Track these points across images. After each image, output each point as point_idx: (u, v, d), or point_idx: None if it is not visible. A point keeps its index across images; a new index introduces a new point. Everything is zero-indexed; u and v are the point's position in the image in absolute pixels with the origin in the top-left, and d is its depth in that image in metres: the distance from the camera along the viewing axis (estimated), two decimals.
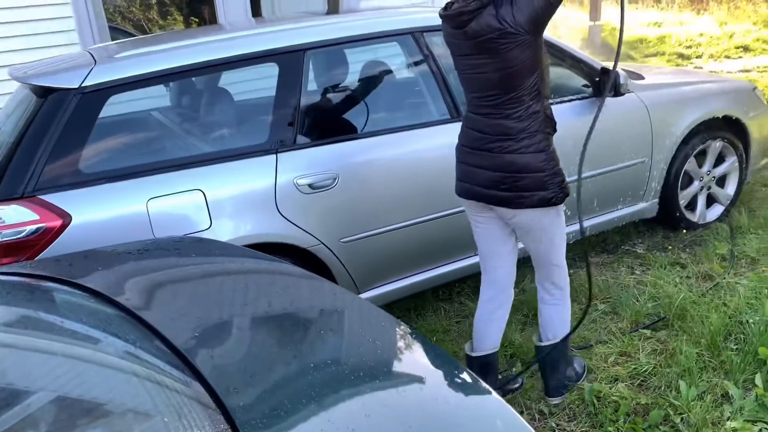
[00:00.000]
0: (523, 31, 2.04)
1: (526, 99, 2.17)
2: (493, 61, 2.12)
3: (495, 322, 2.59)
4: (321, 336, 1.25)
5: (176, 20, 11.03)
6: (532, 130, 2.19)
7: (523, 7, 2.01)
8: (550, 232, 2.36)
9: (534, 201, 2.24)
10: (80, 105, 2.46)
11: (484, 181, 2.30)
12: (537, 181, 2.22)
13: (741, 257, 3.59)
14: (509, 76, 2.13)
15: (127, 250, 1.76)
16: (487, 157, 2.27)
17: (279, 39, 2.81)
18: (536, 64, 2.14)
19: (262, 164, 2.69)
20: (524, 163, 2.20)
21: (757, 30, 11.13)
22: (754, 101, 4.13)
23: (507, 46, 2.06)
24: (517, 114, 2.18)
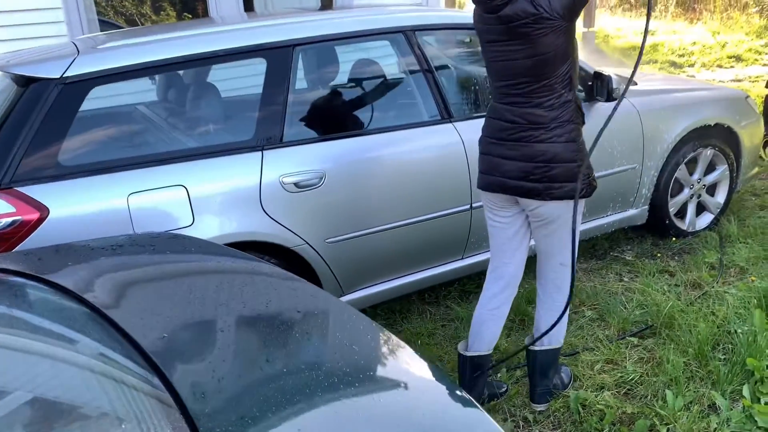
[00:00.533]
0: (558, 17, 2.02)
1: (558, 87, 2.14)
2: (525, 47, 2.10)
3: (495, 320, 2.53)
4: (296, 339, 1.20)
5: (169, 15, 10.93)
6: (563, 120, 2.16)
7: None
8: (569, 227, 2.30)
9: (564, 192, 2.20)
10: (61, 96, 2.39)
11: (513, 171, 2.24)
12: (568, 172, 2.18)
13: (730, 266, 3.57)
14: (542, 63, 2.10)
15: (101, 246, 1.70)
16: (516, 147, 2.23)
17: (268, 34, 2.76)
18: (569, 51, 2.12)
19: (248, 161, 2.64)
20: (555, 152, 2.17)
21: (750, 40, 11.18)
22: (747, 110, 4.11)
23: (542, 32, 2.04)
24: (549, 102, 2.15)
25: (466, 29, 3.39)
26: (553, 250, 2.40)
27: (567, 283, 2.41)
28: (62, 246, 1.73)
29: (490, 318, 2.52)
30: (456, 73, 3.54)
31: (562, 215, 2.28)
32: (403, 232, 2.98)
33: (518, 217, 2.41)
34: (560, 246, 2.36)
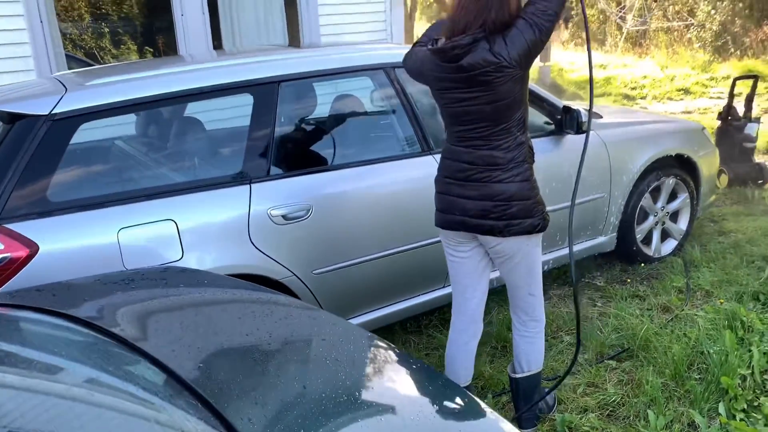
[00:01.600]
0: (516, 65, 2.11)
1: (514, 130, 2.25)
2: (485, 94, 2.17)
3: (465, 355, 2.61)
4: (327, 365, 1.24)
5: (130, 49, 10.88)
6: (519, 160, 2.26)
7: (516, 43, 2.08)
8: (530, 260, 2.40)
9: (523, 228, 2.29)
10: (50, 132, 2.40)
11: (473, 210, 2.32)
12: (525, 209, 2.28)
13: (696, 290, 3.73)
14: (501, 109, 2.19)
15: (113, 281, 1.71)
16: (476, 187, 2.30)
17: (254, 70, 2.82)
18: (524, 97, 2.24)
19: (236, 194, 2.67)
20: (513, 191, 2.26)
21: (696, 74, 11.74)
22: (703, 141, 4.34)
23: (501, 80, 2.13)
24: (506, 145, 2.25)
25: None
26: (519, 282, 2.48)
27: (539, 312, 2.53)
28: (71, 282, 1.73)
29: (459, 354, 2.60)
30: (434, 107, 3.64)
31: (522, 249, 2.37)
32: (388, 262, 3.03)
33: (476, 252, 2.48)
34: (526, 278, 2.46)
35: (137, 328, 1.36)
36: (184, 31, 5.91)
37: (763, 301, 3.48)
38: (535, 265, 2.44)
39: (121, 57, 10.54)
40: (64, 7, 9.90)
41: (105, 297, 1.59)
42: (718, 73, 11.78)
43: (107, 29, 10.72)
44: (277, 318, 1.45)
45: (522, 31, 2.08)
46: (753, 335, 3.05)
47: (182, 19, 5.89)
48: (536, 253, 2.42)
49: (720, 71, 11.85)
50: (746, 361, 2.84)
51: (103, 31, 10.88)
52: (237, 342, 1.32)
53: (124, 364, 1.19)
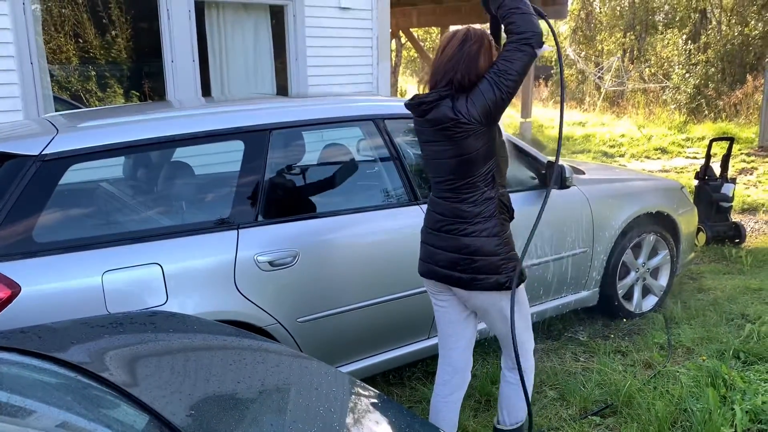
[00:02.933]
0: (475, 122, 2.18)
1: (481, 185, 2.28)
2: (449, 148, 2.26)
3: (450, 405, 2.57)
4: (322, 417, 1.21)
5: (116, 93, 10.93)
6: (486, 215, 2.29)
7: (476, 101, 2.17)
8: (506, 315, 2.38)
9: (488, 284, 2.31)
10: (39, 173, 2.38)
11: (443, 261, 2.37)
12: (491, 265, 2.29)
13: (677, 346, 3.75)
14: (465, 162, 2.25)
15: (100, 324, 1.67)
16: (445, 238, 2.35)
17: (246, 118, 2.85)
18: (490, 153, 2.27)
19: (223, 239, 2.66)
20: (478, 246, 2.28)
21: (672, 134, 12.07)
22: (682, 199, 4.44)
23: (461, 135, 2.21)
24: (473, 199, 2.29)
25: None
26: (502, 336, 2.49)
27: (527, 363, 2.50)
28: (58, 324, 1.69)
29: (444, 406, 2.57)
30: (421, 158, 3.69)
31: (495, 304, 2.37)
32: (372, 312, 3.02)
33: (456, 301, 2.49)
34: (505, 332, 2.43)
35: (127, 373, 1.33)
36: (174, 77, 5.98)
37: (743, 360, 3.50)
38: (516, 323, 2.39)
39: (107, 100, 10.58)
40: (52, 49, 9.97)
41: (93, 341, 1.55)
42: (693, 134, 12.12)
43: (94, 73, 10.79)
44: (268, 366, 1.43)
45: (483, 92, 2.17)
46: (735, 393, 3.06)
47: (172, 65, 5.96)
48: (516, 309, 2.38)
49: (695, 132, 12.20)
50: (729, 420, 2.84)
51: (90, 75, 10.94)
52: (229, 389, 1.29)
53: (112, 409, 1.16)
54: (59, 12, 10.26)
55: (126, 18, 10.19)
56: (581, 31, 23.84)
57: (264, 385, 1.33)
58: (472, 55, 2.21)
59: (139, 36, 10.12)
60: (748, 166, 9.47)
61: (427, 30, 24.25)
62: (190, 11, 5.95)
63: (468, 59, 2.21)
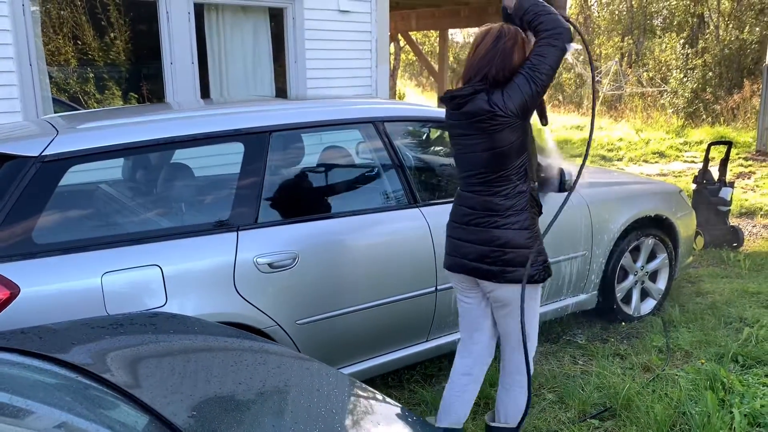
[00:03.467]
0: (512, 115, 2.24)
1: (514, 178, 2.33)
2: (483, 141, 2.31)
3: (466, 395, 2.62)
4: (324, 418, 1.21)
5: (114, 95, 10.93)
6: (518, 208, 2.34)
7: (513, 95, 2.23)
8: (527, 313, 2.41)
9: (517, 276, 2.34)
10: (39, 174, 2.38)
11: (471, 254, 2.41)
12: (521, 257, 2.34)
13: (676, 350, 3.75)
14: (499, 156, 2.30)
15: (100, 325, 1.67)
16: (475, 231, 2.40)
17: (246, 120, 2.85)
18: (524, 146, 2.32)
19: (223, 241, 2.66)
20: (509, 238, 2.33)
21: (670, 138, 12.09)
22: (680, 203, 4.45)
23: (497, 128, 2.26)
24: (505, 192, 2.34)
25: (428, 121, 3.61)
26: (510, 331, 2.52)
27: (530, 363, 2.50)
28: (58, 325, 1.69)
29: (462, 393, 2.61)
30: (420, 161, 3.71)
31: (517, 299, 2.40)
32: (371, 314, 3.01)
33: (483, 297, 2.54)
34: (517, 328, 2.48)
35: (128, 373, 1.33)
36: (173, 79, 5.98)
37: (742, 363, 3.50)
38: (531, 320, 2.46)
39: (105, 102, 10.57)
40: (51, 51, 9.96)
41: (93, 341, 1.55)
42: (691, 138, 12.15)
43: (93, 75, 10.78)
44: (269, 367, 1.43)
45: (520, 86, 2.23)
46: (734, 396, 3.06)
47: (171, 67, 5.96)
48: (533, 307, 2.45)
49: (693, 136, 12.23)
50: (728, 423, 2.85)
51: (89, 77, 10.93)
52: (230, 390, 1.29)
53: (113, 409, 1.16)
54: (58, 14, 10.26)
55: (125, 20, 10.20)
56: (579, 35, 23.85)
57: (265, 387, 1.33)
58: (507, 52, 2.29)
59: (138, 38, 10.12)
60: (746, 170, 9.49)
61: (425, 33, 24.30)
62: (189, 13, 5.95)
63: (503, 55, 2.28)
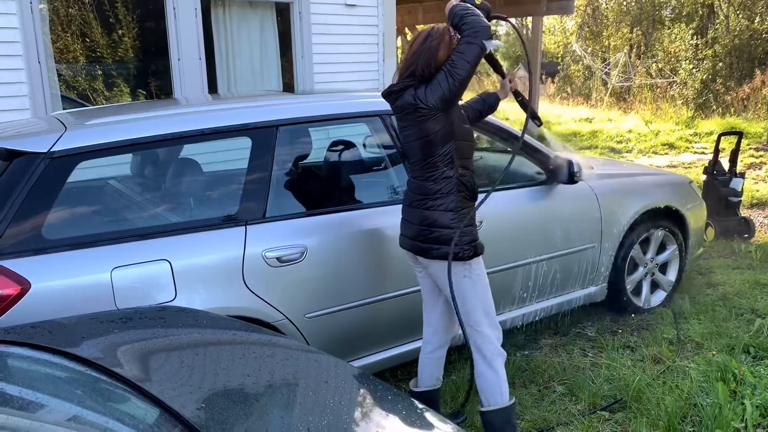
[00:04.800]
0: (433, 107, 2.44)
1: (440, 165, 2.53)
2: (414, 132, 2.53)
3: (433, 363, 2.87)
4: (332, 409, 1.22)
5: (122, 92, 10.96)
6: (444, 192, 2.54)
7: (434, 89, 2.43)
8: (460, 288, 2.58)
9: (441, 253, 2.55)
10: (48, 170, 2.40)
11: (410, 232, 2.65)
12: (445, 237, 2.53)
13: (686, 341, 3.73)
14: (426, 144, 2.51)
15: (109, 319, 1.68)
16: (413, 212, 2.63)
17: (253, 114, 2.85)
18: (449, 135, 2.50)
19: (231, 236, 2.66)
20: (435, 218, 2.55)
21: (680, 130, 12.00)
22: (691, 194, 4.41)
23: (422, 119, 2.47)
24: (433, 177, 2.55)
25: None
26: (456, 310, 2.64)
27: (488, 347, 2.64)
28: (68, 320, 1.70)
29: (429, 362, 2.86)
30: None
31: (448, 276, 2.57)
32: (380, 307, 3.02)
33: (427, 272, 2.72)
34: (461, 308, 2.62)
35: (138, 367, 1.33)
36: (180, 75, 5.99)
37: (753, 354, 3.48)
38: (467, 297, 2.60)
39: (114, 99, 10.61)
40: (59, 49, 10.01)
41: (103, 336, 1.56)
42: (701, 129, 12.05)
43: (101, 72, 10.83)
44: (278, 359, 1.43)
45: (440, 81, 2.42)
46: (745, 388, 3.04)
47: (179, 63, 5.97)
48: (466, 284, 2.58)
49: (703, 127, 12.13)
50: (739, 415, 2.83)
51: (97, 74, 10.97)
52: (238, 383, 1.29)
53: (123, 402, 1.16)
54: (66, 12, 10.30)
55: (132, 17, 10.22)
56: (588, 27, 23.74)
57: (273, 379, 1.33)
58: (432, 49, 2.48)
59: (146, 35, 10.15)
60: (757, 161, 9.41)
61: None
62: (196, 9, 5.96)
63: (428, 52, 2.47)
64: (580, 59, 21.09)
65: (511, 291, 3.48)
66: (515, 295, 3.51)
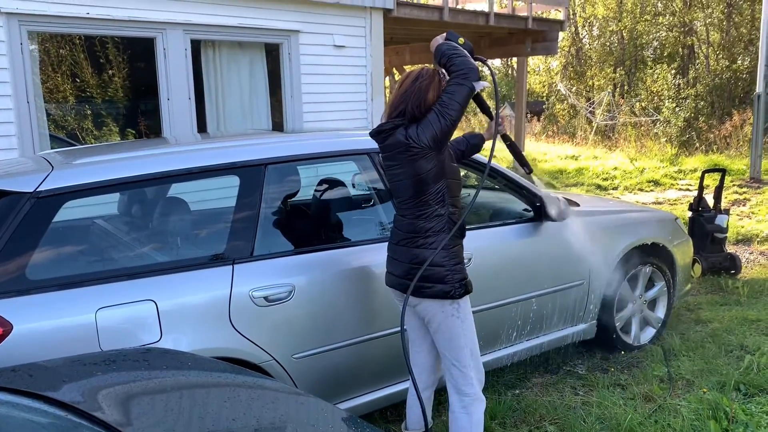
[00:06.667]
0: (425, 147, 2.45)
1: (432, 203, 2.53)
2: (405, 170, 2.53)
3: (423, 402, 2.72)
4: None
5: (112, 131, 10.98)
6: (436, 230, 2.54)
7: (426, 129, 2.45)
8: (449, 328, 2.57)
9: (433, 291, 2.53)
10: (33, 210, 2.38)
11: (398, 270, 2.63)
12: (437, 275, 2.53)
13: (677, 379, 3.71)
14: (417, 183, 2.51)
15: (93, 361, 1.65)
16: (402, 251, 2.61)
17: (241, 153, 2.86)
18: (440, 174, 2.52)
19: (218, 275, 2.64)
20: (426, 256, 2.53)
21: (664, 167, 12.16)
22: (677, 230, 4.45)
23: (413, 158, 2.48)
24: (425, 215, 2.55)
25: None
26: (442, 351, 2.65)
27: (469, 388, 2.62)
28: (49, 362, 1.66)
29: (414, 402, 2.82)
30: None
31: (437, 314, 2.58)
32: (369, 347, 2.98)
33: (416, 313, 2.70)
34: (446, 346, 2.62)
35: (120, 411, 1.30)
36: (170, 114, 6.02)
37: (744, 392, 3.47)
38: (455, 336, 2.59)
39: (103, 138, 10.63)
40: (49, 88, 10.06)
41: (85, 378, 1.52)
42: (685, 166, 12.22)
43: (91, 111, 10.86)
44: (264, 402, 1.41)
45: (431, 121, 2.45)
46: (737, 426, 3.02)
47: (168, 103, 6.01)
48: (456, 324, 2.57)
49: (687, 165, 12.30)
50: None
51: (87, 113, 11.01)
52: (225, 427, 1.26)
53: None
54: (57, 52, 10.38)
55: (123, 57, 10.31)
56: (572, 67, 24.22)
57: (260, 423, 1.30)
58: (422, 90, 2.51)
59: (136, 74, 10.23)
60: (741, 197, 9.53)
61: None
62: (186, 50, 6.03)
63: (418, 93, 2.51)
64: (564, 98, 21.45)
65: (500, 329, 3.46)
66: (504, 333, 3.49)
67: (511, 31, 11.42)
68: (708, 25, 19.65)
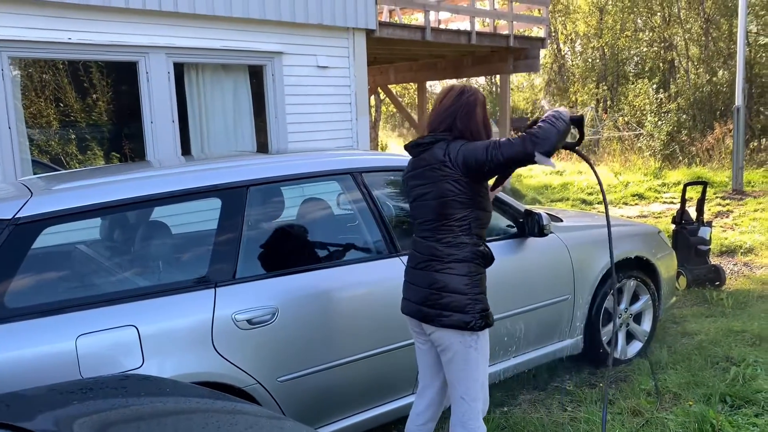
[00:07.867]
0: (458, 168, 2.36)
1: (456, 229, 2.43)
2: (432, 190, 2.43)
3: None
4: None
5: (96, 155, 10.94)
6: (459, 258, 2.42)
7: (467, 153, 2.34)
8: (465, 360, 2.44)
9: (452, 321, 2.40)
10: (12, 236, 2.36)
11: (416, 296, 2.51)
12: (458, 303, 2.40)
13: (664, 392, 3.72)
14: (442, 205, 2.41)
15: (69, 390, 1.62)
16: (420, 275, 2.50)
17: (223, 175, 2.85)
18: (469, 202, 2.40)
19: (200, 299, 2.62)
20: (446, 282, 2.41)
21: (648, 180, 12.26)
22: (660, 243, 4.48)
23: (443, 177, 2.39)
24: (446, 240, 2.44)
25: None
26: (453, 381, 2.53)
27: (473, 423, 2.50)
28: (26, 391, 1.64)
29: None
30: (400, 210, 3.71)
31: (454, 344, 2.45)
32: (355, 368, 2.96)
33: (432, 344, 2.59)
34: (459, 377, 2.49)
35: None
36: (153, 138, 6.02)
37: (730, 404, 3.48)
38: (470, 369, 2.46)
39: (87, 162, 10.57)
40: (32, 113, 10.01)
41: (61, 408, 1.50)
42: (669, 179, 12.33)
43: (74, 135, 10.82)
44: (242, 428, 1.39)
45: (476, 148, 2.34)
46: None
47: (152, 126, 6.01)
48: (472, 355, 2.44)
49: (671, 178, 12.42)
50: None
51: (71, 137, 10.96)
52: None
53: None
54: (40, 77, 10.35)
55: (107, 81, 10.30)
56: (555, 83, 24.48)
57: None
58: (470, 105, 2.45)
59: (120, 98, 10.21)
60: (724, 209, 9.62)
61: (404, 86, 24.77)
62: (169, 73, 6.04)
63: (467, 107, 2.45)
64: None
65: None
66: (491, 351, 3.48)
67: (493, 50, 11.53)
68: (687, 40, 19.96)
